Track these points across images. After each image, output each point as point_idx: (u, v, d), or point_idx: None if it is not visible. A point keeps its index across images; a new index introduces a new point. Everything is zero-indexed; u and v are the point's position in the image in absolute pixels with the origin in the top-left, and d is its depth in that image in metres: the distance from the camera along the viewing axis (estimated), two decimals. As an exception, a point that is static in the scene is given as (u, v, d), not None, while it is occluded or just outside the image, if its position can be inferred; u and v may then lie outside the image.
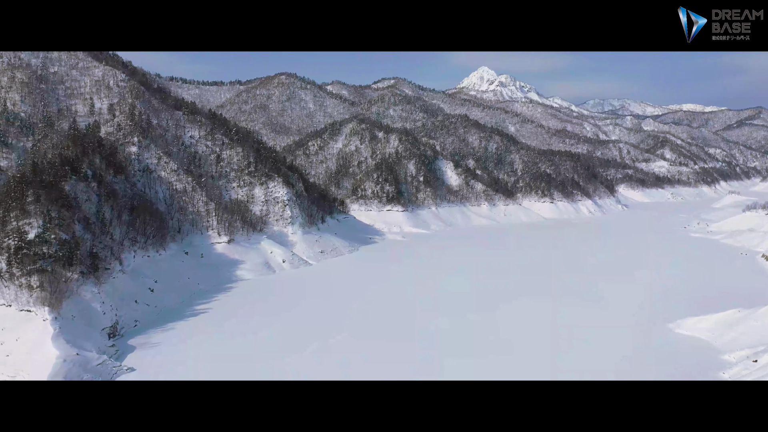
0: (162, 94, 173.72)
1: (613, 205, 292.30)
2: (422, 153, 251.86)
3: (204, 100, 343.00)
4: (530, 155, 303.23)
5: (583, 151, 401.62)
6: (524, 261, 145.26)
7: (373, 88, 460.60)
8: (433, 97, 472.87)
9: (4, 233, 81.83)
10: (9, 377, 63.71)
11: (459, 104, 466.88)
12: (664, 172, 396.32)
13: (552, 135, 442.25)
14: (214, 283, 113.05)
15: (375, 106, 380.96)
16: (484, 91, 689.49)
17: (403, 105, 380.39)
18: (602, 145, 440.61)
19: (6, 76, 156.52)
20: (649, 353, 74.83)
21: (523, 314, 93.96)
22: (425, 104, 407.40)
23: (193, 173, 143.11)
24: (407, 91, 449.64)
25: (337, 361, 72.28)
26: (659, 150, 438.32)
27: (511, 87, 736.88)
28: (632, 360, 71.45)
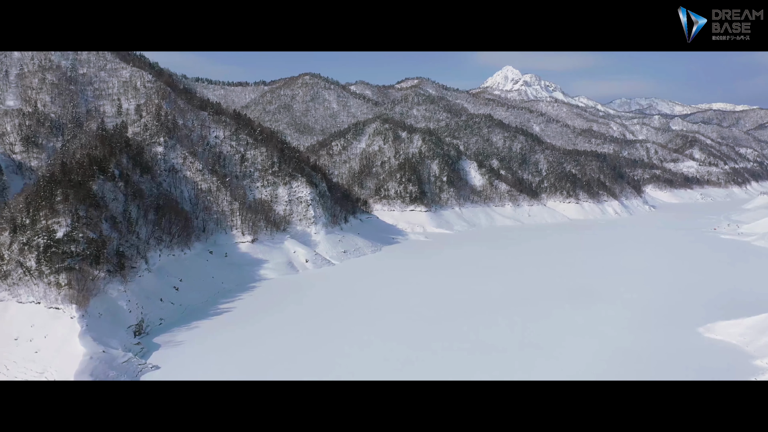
0: (188, 95, 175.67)
1: (640, 205, 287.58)
2: (446, 153, 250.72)
3: (229, 100, 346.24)
4: (555, 155, 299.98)
5: (609, 151, 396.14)
6: (550, 262, 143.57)
7: (396, 88, 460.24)
8: (457, 97, 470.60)
9: (34, 232, 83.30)
10: (37, 373, 64.80)
11: (483, 104, 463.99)
12: (693, 172, 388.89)
13: (577, 135, 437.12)
14: (237, 282, 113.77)
15: (398, 106, 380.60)
16: (509, 91, 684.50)
17: (427, 105, 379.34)
18: (629, 144, 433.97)
19: (37, 77, 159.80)
20: (679, 357, 73.18)
21: (550, 317, 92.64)
22: (449, 104, 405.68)
23: (218, 173, 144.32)
24: (431, 91, 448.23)
25: (359, 362, 72.03)
26: (688, 150, 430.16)
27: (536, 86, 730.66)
28: (661, 364, 69.92)
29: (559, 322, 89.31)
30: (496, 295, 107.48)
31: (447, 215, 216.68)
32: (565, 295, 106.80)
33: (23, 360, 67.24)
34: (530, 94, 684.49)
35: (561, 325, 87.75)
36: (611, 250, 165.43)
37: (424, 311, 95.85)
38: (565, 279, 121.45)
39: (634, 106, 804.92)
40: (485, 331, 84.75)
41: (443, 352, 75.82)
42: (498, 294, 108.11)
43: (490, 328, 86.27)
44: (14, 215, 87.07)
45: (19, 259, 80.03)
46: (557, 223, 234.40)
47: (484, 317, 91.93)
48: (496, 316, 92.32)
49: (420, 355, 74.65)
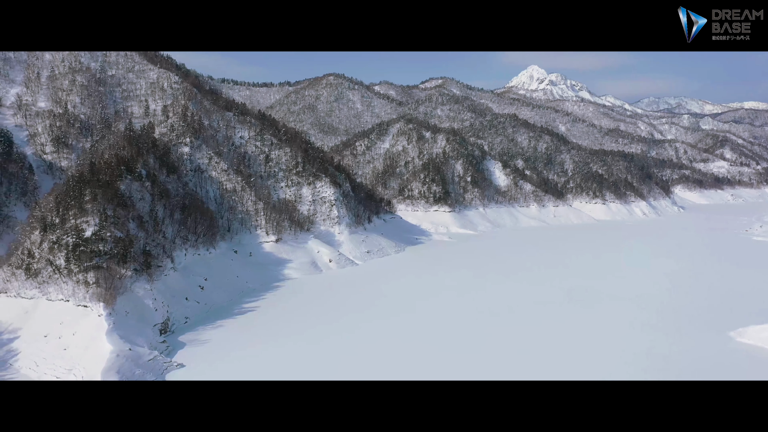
0: (213, 96, 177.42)
1: (668, 206, 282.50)
2: (470, 153, 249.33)
3: (254, 101, 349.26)
4: (581, 155, 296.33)
5: (636, 150, 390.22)
6: (576, 264, 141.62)
7: (420, 87, 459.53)
8: (482, 97, 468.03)
9: (63, 231, 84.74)
10: (66, 370, 65.82)
11: (508, 103, 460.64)
12: (723, 172, 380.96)
13: (604, 134, 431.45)
14: (262, 281, 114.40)
15: (422, 106, 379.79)
16: (534, 90, 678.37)
17: (451, 105, 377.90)
18: (657, 144, 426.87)
19: (67, 79, 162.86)
20: (709, 361, 71.34)
21: (577, 319, 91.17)
22: (473, 104, 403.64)
23: (243, 173, 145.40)
24: (455, 91, 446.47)
25: (382, 363, 71.69)
26: (718, 150, 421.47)
27: (561, 86, 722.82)
28: (690, 368, 68.24)
29: (586, 325, 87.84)
30: (522, 296, 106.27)
31: (471, 216, 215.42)
32: (593, 297, 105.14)
33: (52, 357, 68.39)
34: (556, 94, 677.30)
35: (588, 328, 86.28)
36: (640, 251, 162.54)
37: (449, 312, 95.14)
38: (594, 281, 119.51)
39: (663, 105, 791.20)
40: (511, 333, 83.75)
41: (468, 354, 75.05)
42: (524, 295, 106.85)
43: (516, 330, 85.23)
44: (44, 214, 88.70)
45: (48, 258, 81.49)
46: (583, 224, 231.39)
47: (511, 319, 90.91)
48: (521, 318, 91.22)
49: (444, 356, 73.98)
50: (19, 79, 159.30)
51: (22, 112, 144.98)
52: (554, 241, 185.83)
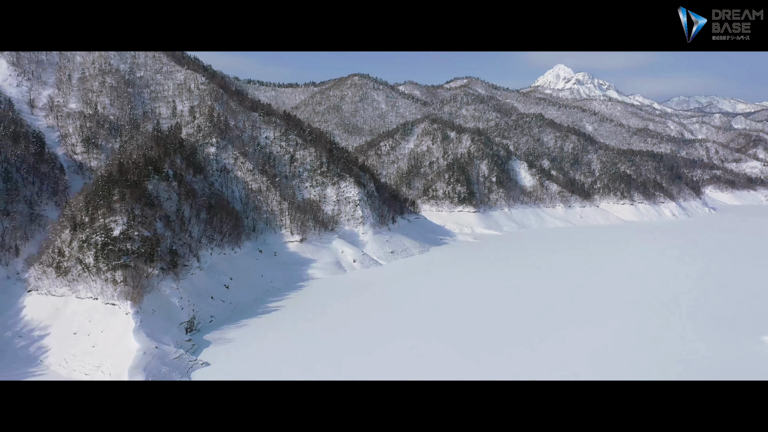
0: (239, 96, 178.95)
1: (699, 207, 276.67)
2: (495, 153, 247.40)
3: (279, 101, 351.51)
4: (609, 155, 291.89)
5: (666, 150, 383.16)
6: (605, 266, 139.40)
7: (445, 87, 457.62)
8: (507, 96, 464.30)
9: (92, 230, 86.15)
10: (94, 367, 66.85)
11: (534, 103, 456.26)
12: (756, 172, 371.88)
13: (632, 134, 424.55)
14: (286, 281, 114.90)
15: (447, 106, 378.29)
16: (560, 90, 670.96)
17: (476, 104, 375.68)
18: (687, 144, 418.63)
19: (97, 81, 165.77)
20: (738, 366, 69.39)
21: (606, 323, 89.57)
22: (498, 103, 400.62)
23: (268, 173, 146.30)
24: (480, 91, 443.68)
25: (404, 363, 71.31)
26: (751, 149, 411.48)
27: (588, 85, 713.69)
28: (719, 372, 66.49)
29: (615, 328, 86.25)
30: (548, 297, 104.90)
31: (496, 216, 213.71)
32: (623, 301, 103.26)
33: (81, 354, 69.57)
34: (583, 93, 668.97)
35: (618, 331, 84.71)
36: (670, 253, 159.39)
37: (473, 314, 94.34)
38: (623, 284, 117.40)
39: (693, 104, 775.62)
40: (537, 336, 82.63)
41: (491, 356, 74.24)
42: (550, 297, 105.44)
43: (541, 333, 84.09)
44: (74, 214, 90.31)
45: (78, 256, 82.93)
46: (611, 225, 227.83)
47: (537, 322, 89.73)
48: (547, 321, 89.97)
49: (470, 359, 73.31)
50: (51, 81, 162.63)
51: (54, 113, 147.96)
52: (581, 242, 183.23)
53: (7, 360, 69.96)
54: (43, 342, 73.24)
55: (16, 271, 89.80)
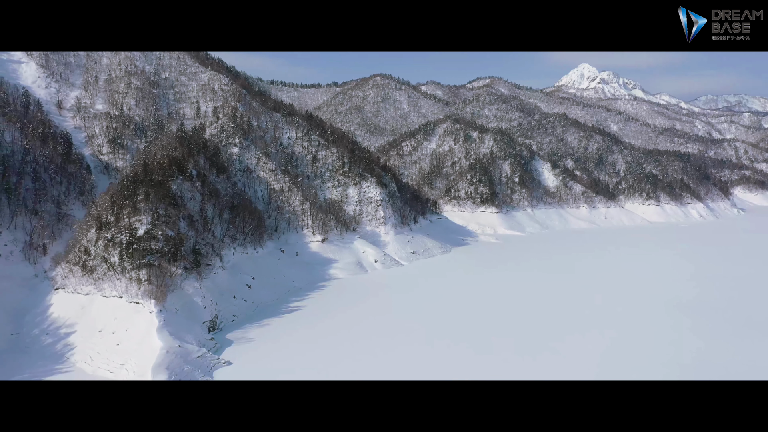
0: (262, 97, 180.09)
1: (727, 208, 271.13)
2: (518, 153, 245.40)
3: (302, 102, 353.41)
4: (634, 155, 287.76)
5: (693, 150, 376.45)
6: (633, 268, 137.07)
7: (467, 87, 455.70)
8: (530, 96, 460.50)
9: (117, 229, 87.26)
10: (119, 365, 67.63)
11: (557, 103, 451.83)
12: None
13: (659, 134, 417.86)
14: (308, 280, 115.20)
15: (469, 106, 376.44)
16: (585, 89, 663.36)
17: (499, 104, 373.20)
18: (715, 144, 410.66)
19: (123, 82, 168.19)
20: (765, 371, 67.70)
21: (635, 328, 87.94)
22: (521, 103, 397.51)
23: (290, 173, 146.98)
24: (503, 90, 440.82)
25: (425, 364, 70.87)
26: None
27: (613, 84, 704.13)
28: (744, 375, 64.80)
29: (645, 332, 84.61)
30: (572, 299, 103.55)
31: (519, 217, 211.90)
32: (649, 303, 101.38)
33: (106, 351, 70.42)
34: (607, 92, 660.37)
35: (647, 336, 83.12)
36: (698, 255, 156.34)
37: (495, 315, 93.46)
38: (650, 286, 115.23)
39: (722, 104, 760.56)
40: (564, 339, 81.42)
41: (513, 358, 73.41)
42: (574, 299, 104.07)
43: (568, 337, 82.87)
44: (100, 213, 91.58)
45: (103, 255, 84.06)
46: (636, 226, 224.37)
47: (562, 325, 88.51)
48: (573, 324, 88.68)
49: (487, 360, 72.59)
50: (79, 83, 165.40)
51: (81, 114, 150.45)
52: (606, 243, 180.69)
53: (34, 357, 71.17)
54: (69, 339, 74.34)
55: (43, 270, 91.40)
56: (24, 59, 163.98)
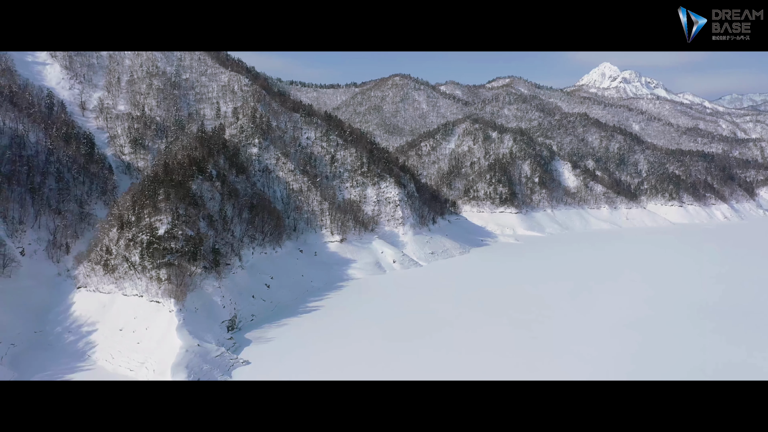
0: (281, 98, 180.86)
1: (753, 209, 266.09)
2: (538, 153, 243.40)
3: (321, 102, 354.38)
4: (656, 155, 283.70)
5: (717, 150, 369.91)
6: (658, 270, 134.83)
7: (487, 87, 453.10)
8: (550, 96, 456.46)
9: (138, 228, 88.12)
10: (139, 363, 68.22)
11: (578, 102, 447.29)
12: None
13: (682, 133, 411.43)
14: (326, 280, 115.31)
15: (489, 106, 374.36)
16: (606, 88, 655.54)
17: (518, 104, 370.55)
18: (740, 144, 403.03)
19: (144, 83, 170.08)
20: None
21: (662, 334, 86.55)
22: (541, 103, 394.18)
23: (309, 173, 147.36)
24: (523, 90, 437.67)
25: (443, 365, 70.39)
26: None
27: (635, 83, 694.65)
28: None
29: (672, 337, 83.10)
30: (597, 304, 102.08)
31: (538, 217, 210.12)
32: (678, 307, 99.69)
33: (127, 350, 71.10)
34: (629, 92, 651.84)
35: (674, 340, 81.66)
36: (724, 257, 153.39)
37: (515, 316, 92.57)
38: (679, 290, 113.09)
39: (747, 103, 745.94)
40: (588, 343, 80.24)
41: (535, 362, 72.58)
42: (599, 303, 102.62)
43: (592, 340, 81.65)
44: (122, 213, 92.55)
45: (125, 254, 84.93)
46: (658, 227, 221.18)
47: (585, 328, 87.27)
48: (596, 328, 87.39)
49: (509, 362, 71.85)
50: (101, 84, 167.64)
51: (104, 115, 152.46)
52: (629, 244, 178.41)
53: (57, 354, 72.12)
54: (90, 338, 75.20)
55: (66, 268, 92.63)
56: (48, 61, 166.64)
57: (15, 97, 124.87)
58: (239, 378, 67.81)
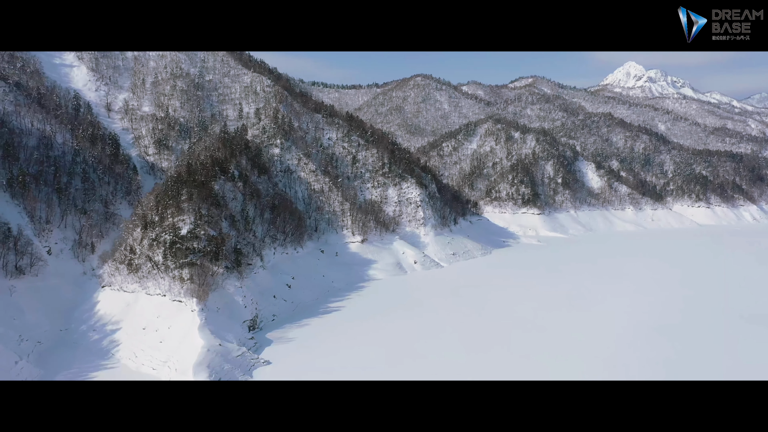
0: (303, 98, 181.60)
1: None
2: (561, 153, 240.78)
3: (342, 103, 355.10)
4: (683, 155, 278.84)
5: (746, 150, 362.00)
6: (688, 273, 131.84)
7: (509, 87, 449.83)
8: (574, 95, 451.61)
9: (162, 228, 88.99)
10: (161, 362, 68.79)
11: (602, 102, 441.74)
12: None
13: (709, 133, 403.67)
14: (347, 281, 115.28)
15: (511, 106, 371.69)
16: (631, 88, 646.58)
17: (541, 104, 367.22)
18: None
19: (169, 84, 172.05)
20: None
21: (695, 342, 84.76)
22: (565, 103, 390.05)
23: (330, 174, 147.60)
24: (546, 90, 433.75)
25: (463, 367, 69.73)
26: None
27: (661, 82, 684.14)
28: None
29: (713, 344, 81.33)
30: (624, 309, 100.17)
31: (561, 218, 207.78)
32: (704, 311, 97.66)
33: (150, 348, 71.76)
34: (655, 91, 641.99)
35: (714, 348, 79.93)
36: (757, 264, 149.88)
37: (536, 319, 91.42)
38: (704, 292, 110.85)
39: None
40: (615, 349, 78.86)
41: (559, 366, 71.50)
42: (626, 308, 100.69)
43: (619, 347, 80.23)
44: (145, 213, 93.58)
45: (148, 254, 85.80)
46: (685, 229, 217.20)
47: (612, 334, 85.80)
48: (624, 334, 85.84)
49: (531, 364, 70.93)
50: (127, 86, 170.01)
51: (129, 116, 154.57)
52: (655, 246, 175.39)
53: (82, 352, 73.08)
54: (114, 336, 76.08)
55: (91, 267, 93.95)
56: (75, 63, 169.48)
57: (43, 99, 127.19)
58: (260, 378, 67.97)
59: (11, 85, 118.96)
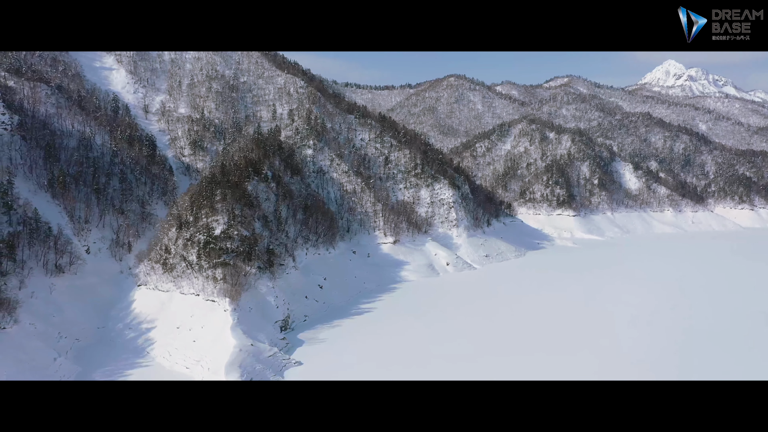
0: (336, 99, 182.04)
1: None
2: (597, 154, 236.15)
3: (375, 104, 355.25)
4: (725, 156, 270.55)
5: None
6: (736, 278, 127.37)
7: (544, 87, 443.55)
8: (611, 95, 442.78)
9: (196, 228, 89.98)
10: (194, 361, 69.41)
11: (640, 102, 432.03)
12: None
13: (753, 133, 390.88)
14: (379, 282, 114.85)
15: (546, 106, 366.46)
16: (670, 87, 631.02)
17: (577, 104, 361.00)
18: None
19: (204, 86, 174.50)
20: None
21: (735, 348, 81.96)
22: (601, 102, 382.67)
23: (363, 174, 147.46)
24: (581, 89, 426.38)
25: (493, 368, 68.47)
26: None
27: (702, 81, 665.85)
28: None
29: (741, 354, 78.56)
30: (666, 314, 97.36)
31: (597, 220, 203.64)
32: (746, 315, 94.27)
33: (183, 347, 72.51)
34: (695, 90, 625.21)
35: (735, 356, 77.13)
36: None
37: (574, 324, 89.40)
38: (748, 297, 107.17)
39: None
40: (658, 355, 76.64)
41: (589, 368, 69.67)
42: (668, 314, 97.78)
43: (662, 354, 77.92)
44: (180, 213, 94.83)
45: (182, 254, 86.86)
46: (727, 231, 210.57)
47: (652, 340, 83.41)
48: (666, 341, 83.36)
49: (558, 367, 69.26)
50: (163, 88, 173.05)
51: (165, 117, 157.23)
52: (697, 249, 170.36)
53: (118, 350, 74.31)
54: (149, 335, 77.16)
55: (128, 266, 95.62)
56: (114, 66, 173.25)
57: (83, 101, 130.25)
58: (291, 378, 67.99)
59: (53, 88, 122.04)
